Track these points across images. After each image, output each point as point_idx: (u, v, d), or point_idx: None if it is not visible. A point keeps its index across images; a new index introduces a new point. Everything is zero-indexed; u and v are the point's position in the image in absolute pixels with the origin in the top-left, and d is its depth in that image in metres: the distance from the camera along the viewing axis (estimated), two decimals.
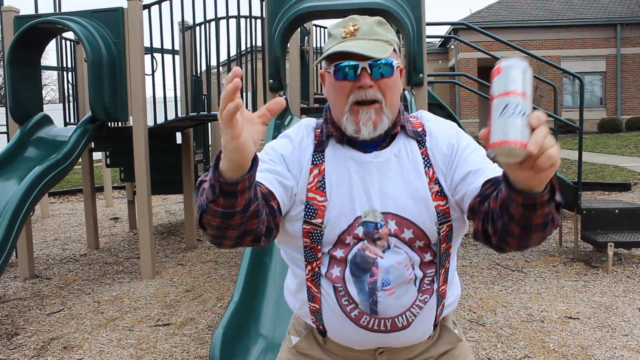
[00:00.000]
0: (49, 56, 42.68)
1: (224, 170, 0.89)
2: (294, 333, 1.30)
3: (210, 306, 4.03)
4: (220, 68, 5.27)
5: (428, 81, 4.91)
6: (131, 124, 5.03)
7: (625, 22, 19.28)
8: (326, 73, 1.19)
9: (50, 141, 4.82)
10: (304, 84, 6.36)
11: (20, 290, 4.62)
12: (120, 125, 5.91)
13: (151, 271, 4.81)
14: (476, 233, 1.06)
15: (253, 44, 5.19)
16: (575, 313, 3.70)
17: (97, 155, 8.85)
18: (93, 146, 6.14)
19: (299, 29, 5.14)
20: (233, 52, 9.36)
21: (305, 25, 5.74)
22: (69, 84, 6.56)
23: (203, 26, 5.63)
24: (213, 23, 5.22)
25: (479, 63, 19.07)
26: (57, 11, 8.96)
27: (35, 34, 4.89)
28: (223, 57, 19.84)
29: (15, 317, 3.95)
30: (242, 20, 5.10)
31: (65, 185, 10.78)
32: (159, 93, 6.41)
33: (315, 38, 6.95)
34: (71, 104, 6.44)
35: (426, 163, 1.18)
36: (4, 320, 3.90)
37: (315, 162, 1.19)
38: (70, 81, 6.54)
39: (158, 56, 5.93)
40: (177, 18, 6.76)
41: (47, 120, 5.04)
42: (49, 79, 29.72)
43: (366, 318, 1.14)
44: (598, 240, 4.65)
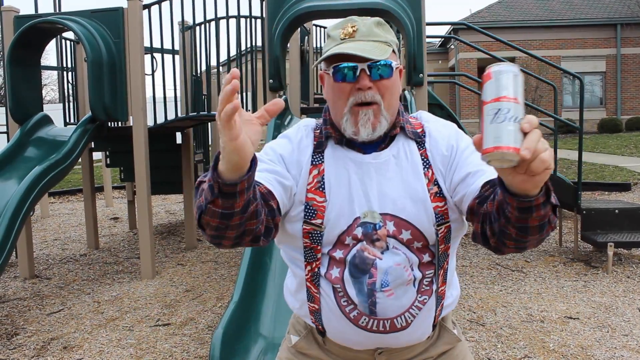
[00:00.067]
0: (49, 56, 42.73)
1: (223, 171, 0.89)
2: (294, 332, 1.30)
3: (210, 306, 4.04)
4: (220, 68, 5.27)
5: (428, 81, 4.91)
6: (131, 124, 5.03)
7: (625, 22, 19.29)
8: (325, 74, 1.19)
9: (50, 141, 4.82)
10: (304, 84, 6.36)
11: (20, 290, 4.62)
12: (120, 125, 5.91)
13: (151, 271, 4.82)
14: (475, 235, 1.06)
15: (253, 44, 5.19)
16: (575, 313, 3.70)
17: (97, 155, 8.86)
18: (93, 146, 6.15)
19: (299, 29, 5.13)
20: (233, 52, 9.36)
21: (305, 25, 5.73)
22: (69, 84, 6.56)
23: (203, 26, 5.64)
24: (213, 23, 5.22)
25: (479, 63, 19.09)
26: (57, 11, 8.96)
27: (35, 34, 4.89)
28: (223, 57, 19.87)
29: (15, 317, 3.95)
30: (242, 20, 5.10)
31: (65, 185, 10.78)
32: (159, 93, 6.41)
33: (315, 38, 6.95)
34: (71, 104, 6.44)
35: (425, 164, 1.18)
36: (4, 320, 3.90)
37: (314, 163, 1.19)
38: (70, 81, 6.54)
39: (158, 56, 5.93)
40: (177, 18, 6.75)
41: (47, 120, 5.04)
42: (49, 79, 29.77)
43: (365, 319, 1.15)
44: (598, 240, 4.65)
